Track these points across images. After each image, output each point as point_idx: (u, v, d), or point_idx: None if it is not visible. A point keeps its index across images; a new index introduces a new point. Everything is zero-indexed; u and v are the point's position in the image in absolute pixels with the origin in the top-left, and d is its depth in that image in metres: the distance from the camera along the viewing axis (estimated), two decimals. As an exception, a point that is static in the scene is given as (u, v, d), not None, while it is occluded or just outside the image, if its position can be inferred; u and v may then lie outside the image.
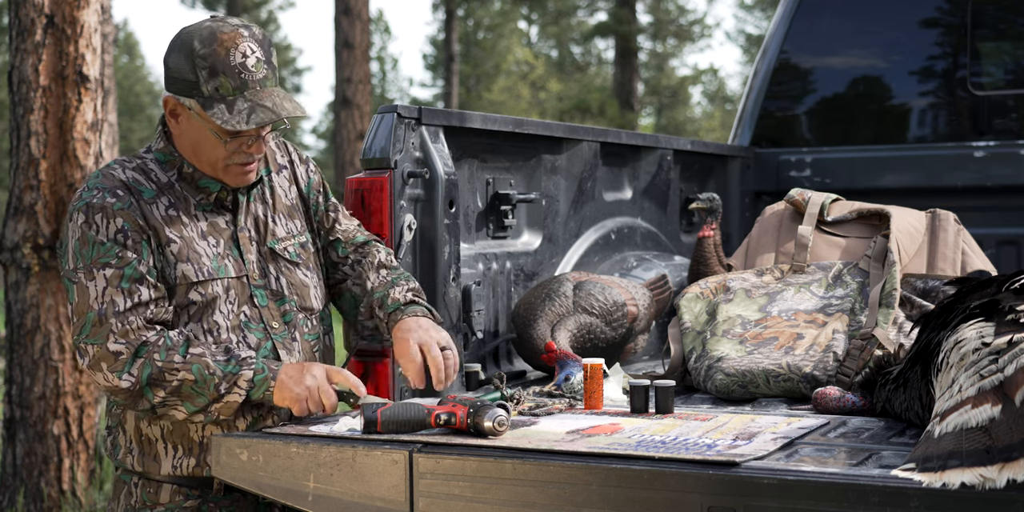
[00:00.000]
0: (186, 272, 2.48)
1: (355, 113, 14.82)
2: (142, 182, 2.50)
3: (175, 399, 2.40)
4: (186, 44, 2.44)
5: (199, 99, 2.44)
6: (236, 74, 2.43)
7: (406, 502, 2.24)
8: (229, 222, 2.58)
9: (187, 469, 2.52)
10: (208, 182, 2.54)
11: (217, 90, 2.43)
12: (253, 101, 2.43)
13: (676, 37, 32.44)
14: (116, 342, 2.38)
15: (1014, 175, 4.34)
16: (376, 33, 37.59)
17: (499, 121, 3.28)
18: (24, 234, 5.20)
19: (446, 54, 30.29)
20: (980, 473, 1.86)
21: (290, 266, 2.63)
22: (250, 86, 2.44)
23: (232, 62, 2.42)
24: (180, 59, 2.45)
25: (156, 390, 2.39)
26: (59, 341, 5.23)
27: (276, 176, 2.69)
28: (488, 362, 3.28)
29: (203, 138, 2.48)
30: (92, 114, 5.27)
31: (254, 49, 2.46)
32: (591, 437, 2.32)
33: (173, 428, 2.52)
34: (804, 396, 2.93)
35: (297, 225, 2.68)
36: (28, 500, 5.20)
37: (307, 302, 2.64)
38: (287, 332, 2.59)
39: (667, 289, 3.65)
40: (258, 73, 2.45)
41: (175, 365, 2.38)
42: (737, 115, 4.80)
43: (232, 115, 2.42)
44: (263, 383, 2.43)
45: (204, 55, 2.42)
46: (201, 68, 2.42)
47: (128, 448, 2.55)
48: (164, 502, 2.54)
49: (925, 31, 4.64)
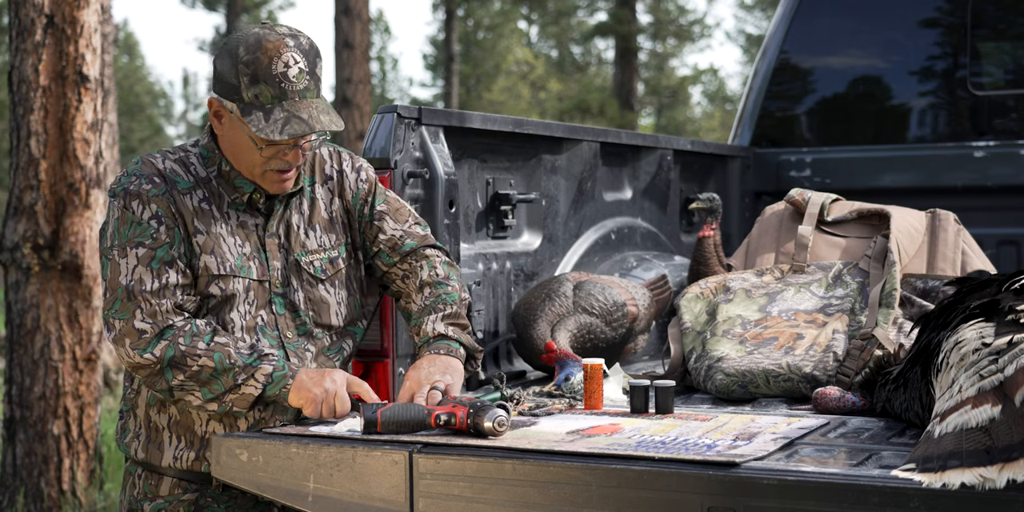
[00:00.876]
0: (208, 264, 2.51)
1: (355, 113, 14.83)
2: (179, 173, 2.54)
3: (193, 384, 2.43)
4: (233, 49, 2.47)
5: (239, 104, 2.46)
6: (276, 83, 2.44)
7: (406, 502, 2.24)
8: (260, 226, 2.59)
9: (186, 462, 2.55)
10: (243, 182, 2.56)
11: (257, 97, 2.45)
12: (290, 112, 2.44)
13: (676, 37, 32.45)
14: (143, 320, 2.42)
15: (1014, 175, 4.34)
16: (376, 33, 37.60)
17: (499, 121, 3.28)
18: (24, 234, 5.20)
19: (446, 54, 30.29)
20: (980, 473, 1.86)
21: (313, 281, 2.62)
22: (289, 96, 2.45)
23: (273, 71, 2.44)
24: (226, 62, 2.47)
25: (176, 372, 2.42)
26: (59, 341, 5.23)
27: (320, 187, 2.67)
28: (488, 362, 3.28)
29: (241, 142, 2.51)
30: (92, 114, 5.27)
31: (297, 59, 2.46)
32: (591, 437, 2.32)
33: (180, 419, 2.55)
34: (804, 396, 2.93)
35: (331, 239, 2.66)
36: (28, 500, 5.20)
37: (324, 319, 2.63)
38: (300, 343, 2.59)
39: (667, 289, 3.65)
40: (299, 84, 2.46)
41: (198, 351, 2.41)
42: (737, 115, 4.80)
43: (267, 124, 2.43)
44: (281, 380, 2.44)
45: (247, 61, 2.44)
46: (243, 74, 2.44)
47: (136, 433, 2.60)
48: (164, 494, 2.58)
49: (925, 31, 4.64)
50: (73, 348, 5.26)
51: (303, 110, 2.45)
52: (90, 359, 5.30)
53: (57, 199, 5.21)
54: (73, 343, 5.26)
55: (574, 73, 34.39)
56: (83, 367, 5.28)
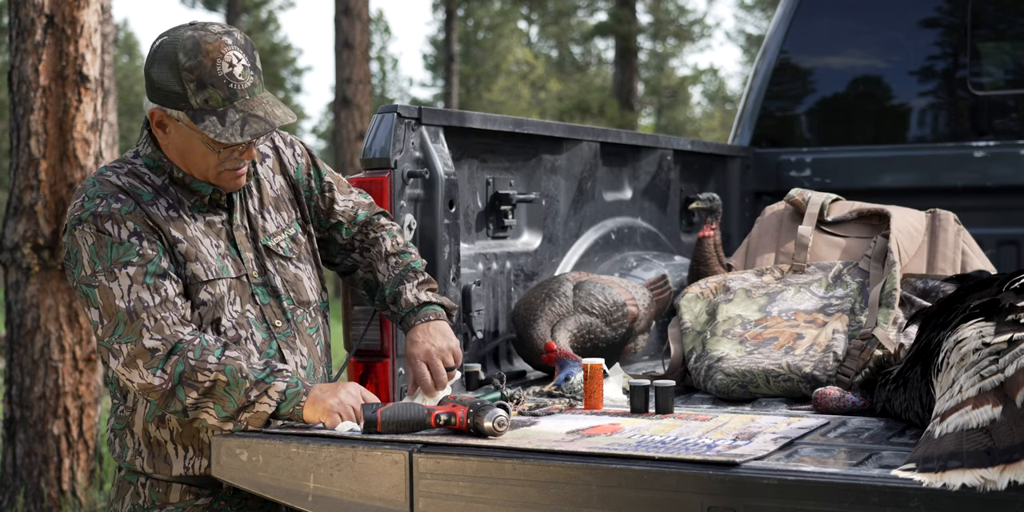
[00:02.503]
0: (196, 271, 2.47)
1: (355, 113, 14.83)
2: (137, 185, 2.48)
3: (207, 400, 2.37)
4: (170, 56, 2.39)
5: (188, 111, 2.40)
6: (225, 85, 2.39)
7: (406, 502, 2.24)
8: (225, 221, 2.58)
9: (199, 469, 2.52)
10: (200, 185, 2.52)
11: (207, 102, 2.39)
12: (244, 111, 2.41)
13: (676, 37, 32.46)
14: (152, 338, 2.36)
15: (1014, 175, 4.34)
16: (376, 33, 37.60)
17: (499, 121, 3.28)
18: (24, 234, 5.20)
19: (446, 54, 30.29)
20: (981, 474, 1.86)
21: (283, 262, 2.63)
22: (239, 96, 2.41)
23: (219, 73, 2.39)
24: (164, 71, 2.40)
25: (188, 390, 2.36)
26: (59, 341, 5.23)
27: (260, 166, 2.67)
28: (488, 362, 3.28)
29: (192, 148, 2.46)
30: (92, 114, 5.27)
31: (239, 57, 2.41)
32: (591, 437, 2.32)
33: (182, 430, 2.50)
34: (804, 396, 2.93)
35: (285, 217, 2.67)
36: (28, 500, 5.20)
37: (303, 295, 2.64)
38: (290, 330, 2.59)
39: (667, 289, 3.65)
40: (246, 81, 2.42)
41: (208, 365, 2.36)
42: (737, 115, 4.80)
43: (225, 128, 2.39)
44: (295, 397, 2.40)
45: (190, 67, 2.38)
46: (188, 81, 2.38)
47: (137, 450, 2.54)
48: (175, 501, 2.53)
49: (925, 31, 4.64)
50: (73, 348, 5.26)
51: (257, 108, 2.42)
52: (90, 359, 5.29)
53: (57, 199, 5.21)
54: (73, 343, 5.26)
55: (574, 73, 34.39)
56: (83, 367, 5.28)
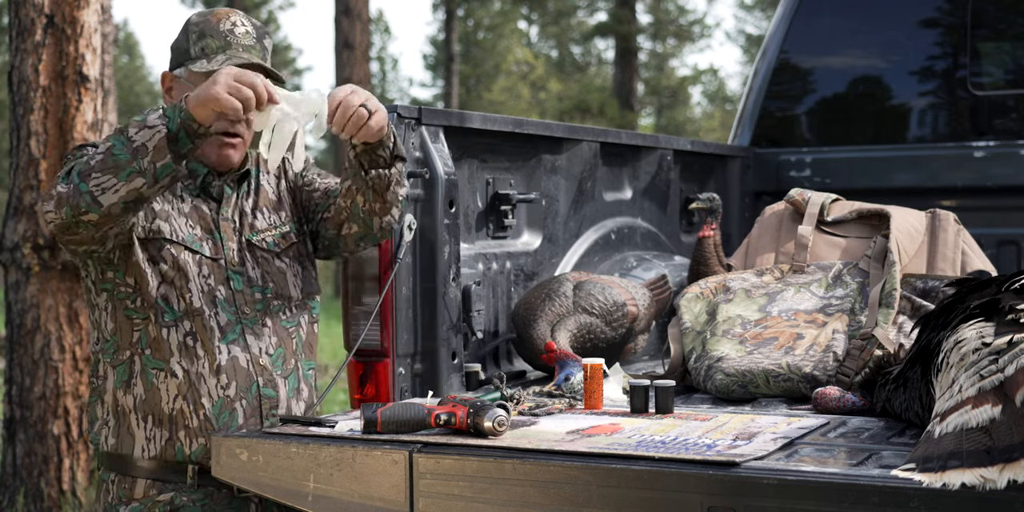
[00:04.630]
0: (162, 228, 2.53)
1: (355, 113, 14.79)
2: None
3: (107, 177, 2.29)
4: (185, 22, 2.61)
5: (187, 63, 2.55)
6: (222, 37, 2.56)
7: (406, 502, 2.24)
8: (213, 210, 2.62)
9: (159, 443, 2.52)
10: (196, 165, 2.59)
11: (203, 50, 2.55)
12: (232, 55, 2.55)
13: (676, 37, 32.47)
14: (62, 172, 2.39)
15: (1014, 175, 4.34)
16: (376, 33, 37.60)
17: (499, 121, 3.28)
18: (24, 234, 5.20)
19: (446, 54, 30.29)
20: (981, 474, 1.86)
21: (267, 255, 2.66)
22: (233, 47, 2.56)
23: (221, 28, 2.57)
24: (179, 35, 2.60)
25: (87, 179, 2.30)
26: (59, 341, 5.23)
27: (265, 175, 2.73)
28: (488, 362, 3.28)
29: None
30: (92, 114, 5.27)
31: (245, 24, 2.60)
32: (591, 437, 2.32)
33: (146, 397, 2.52)
34: (804, 396, 2.93)
35: (281, 216, 2.71)
36: (28, 500, 5.20)
37: (285, 290, 2.66)
38: (257, 318, 2.60)
39: (667, 289, 3.65)
40: (244, 40, 2.58)
41: (97, 149, 2.37)
42: (737, 115, 4.79)
43: (210, 64, 2.51)
44: (174, 109, 2.31)
45: (197, 22, 2.58)
46: (192, 33, 2.57)
47: (104, 420, 2.57)
48: (139, 497, 2.54)
49: (925, 31, 4.64)
50: (73, 348, 5.26)
51: (244, 55, 2.55)
52: (90, 359, 5.29)
53: (57, 199, 5.20)
54: (73, 343, 5.26)
55: (574, 73, 34.40)
56: (83, 367, 5.28)
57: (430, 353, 3.00)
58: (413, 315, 2.96)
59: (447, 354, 3.02)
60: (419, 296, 2.98)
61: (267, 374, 2.59)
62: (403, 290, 2.93)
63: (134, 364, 2.53)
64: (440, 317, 2.97)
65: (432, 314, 2.98)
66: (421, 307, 2.98)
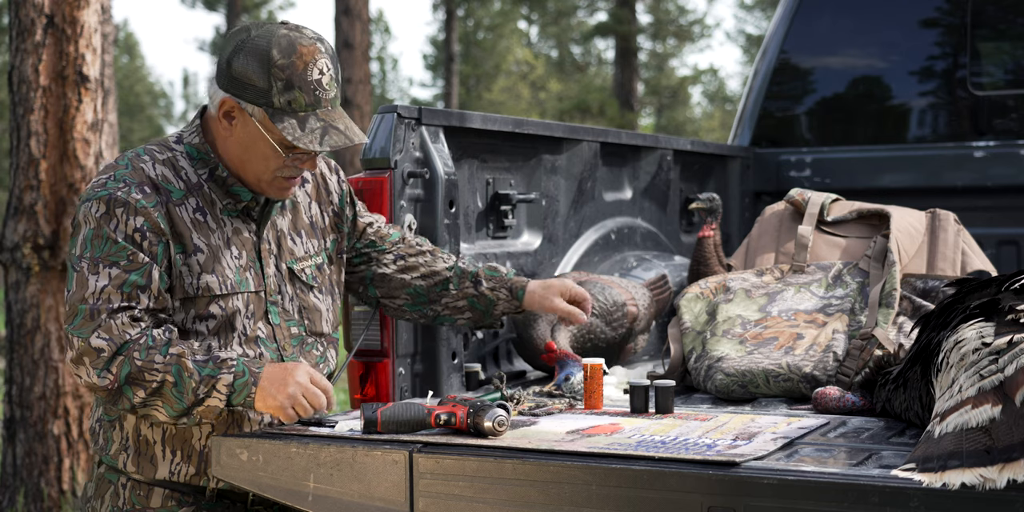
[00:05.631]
0: (211, 284, 2.42)
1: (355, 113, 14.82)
2: (171, 180, 2.42)
3: (155, 399, 2.31)
4: (262, 50, 2.36)
5: (267, 109, 2.36)
6: (312, 91, 2.37)
7: (406, 502, 2.24)
8: (253, 233, 2.52)
9: (184, 477, 2.47)
10: (239, 189, 2.47)
11: (290, 104, 2.36)
12: (326, 121, 2.38)
13: (676, 37, 32.46)
14: (99, 337, 2.29)
15: (1014, 175, 4.34)
16: (376, 33, 37.60)
17: (499, 121, 3.28)
18: (24, 234, 5.20)
19: (446, 54, 30.29)
20: (980, 473, 1.86)
21: (305, 289, 2.59)
22: (322, 105, 2.38)
23: (309, 78, 2.36)
24: (252, 64, 2.35)
25: (136, 390, 2.30)
26: (59, 341, 5.23)
27: (298, 190, 2.62)
28: (488, 362, 3.28)
29: (256, 147, 2.41)
30: (92, 114, 5.27)
31: (329, 67, 2.40)
32: (591, 437, 2.32)
33: (175, 432, 2.46)
34: (804, 396, 2.93)
35: (315, 245, 2.62)
36: (28, 500, 5.20)
37: (317, 327, 2.60)
38: (296, 355, 2.55)
39: (667, 289, 3.65)
40: (331, 92, 2.40)
41: (155, 365, 2.28)
42: (737, 115, 4.79)
43: (304, 133, 2.36)
44: (243, 388, 2.33)
45: (282, 66, 2.35)
46: (277, 79, 2.35)
47: (123, 445, 2.48)
48: (156, 506, 2.48)
49: (925, 31, 4.64)
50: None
51: (338, 120, 2.39)
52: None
53: (57, 199, 5.21)
54: (73, 343, 5.26)
55: (574, 73, 34.39)
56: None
57: (430, 353, 3.00)
58: (413, 315, 2.96)
59: (447, 354, 3.02)
60: (419, 296, 2.97)
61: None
62: (403, 290, 2.92)
63: None
64: None
65: (432, 314, 2.98)
66: (421, 307, 2.97)
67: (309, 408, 2.36)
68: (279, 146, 2.39)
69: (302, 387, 2.35)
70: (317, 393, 2.36)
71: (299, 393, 2.34)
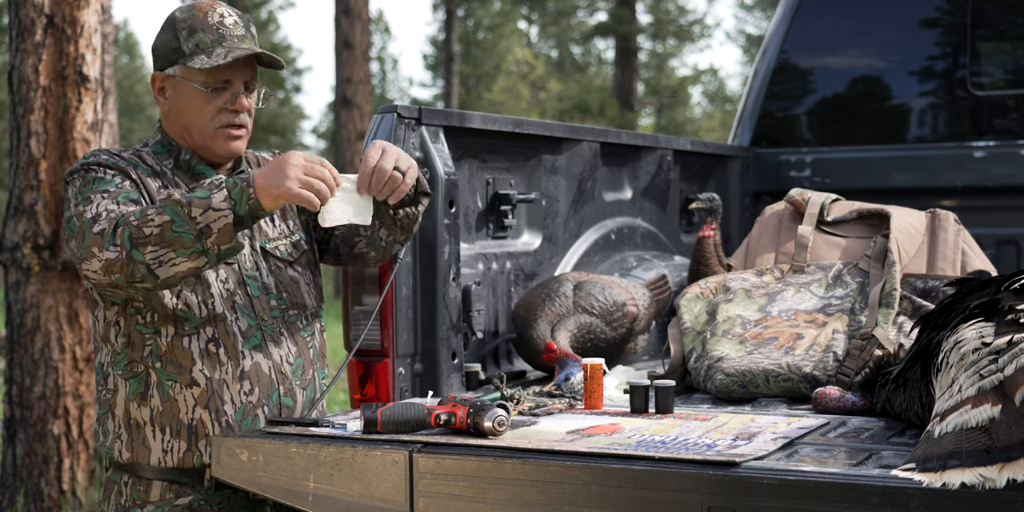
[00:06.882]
0: None
1: (355, 113, 14.83)
2: (138, 161, 2.54)
3: (165, 250, 2.27)
4: (168, 19, 2.57)
5: (181, 60, 2.51)
6: (214, 30, 2.53)
7: (406, 502, 2.24)
8: None
9: (177, 454, 2.49)
10: (204, 169, 2.57)
11: (197, 46, 2.51)
12: (230, 47, 2.51)
13: (676, 37, 32.47)
14: (99, 225, 2.31)
15: (1014, 175, 4.34)
16: (376, 33, 37.61)
17: (499, 121, 3.28)
18: (24, 234, 5.20)
19: (446, 54, 30.30)
20: (980, 473, 1.86)
21: (280, 264, 2.64)
22: (228, 39, 2.54)
23: (210, 21, 2.54)
24: (163, 33, 2.56)
25: (143, 249, 2.26)
26: (59, 341, 5.23)
27: None
28: (488, 362, 3.28)
29: (188, 102, 2.54)
30: (92, 114, 5.27)
31: (231, 13, 2.57)
32: (591, 437, 2.32)
33: (163, 408, 2.48)
34: (804, 396, 2.93)
35: (290, 224, 2.69)
36: (28, 500, 5.20)
37: (300, 299, 2.65)
38: (276, 326, 2.58)
39: (667, 289, 3.65)
40: (236, 30, 2.55)
41: (149, 216, 2.27)
42: (737, 115, 4.79)
43: (212, 59, 2.49)
44: (241, 194, 2.28)
45: (183, 19, 2.54)
46: (181, 30, 2.52)
47: (116, 433, 2.52)
48: (155, 500, 2.51)
49: (925, 31, 4.64)
50: (73, 348, 5.26)
51: (243, 45, 2.54)
52: (90, 359, 5.29)
53: (57, 199, 5.21)
54: (73, 343, 5.26)
55: (574, 73, 34.40)
56: (83, 367, 5.28)
57: (430, 353, 3.00)
58: (413, 315, 2.96)
59: (447, 354, 3.02)
60: (419, 296, 2.98)
61: (287, 383, 2.58)
62: (403, 290, 2.93)
63: (149, 376, 2.49)
64: (440, 317, 2.97)
65: (432, 314, 2.98)
66: (421, 307, 2.98)
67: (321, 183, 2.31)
68: (201, 87, 2.52)
69: (301, 167, 2.31)
70: (317, 164, 2.33)
71: (300, 172, 2.30)
